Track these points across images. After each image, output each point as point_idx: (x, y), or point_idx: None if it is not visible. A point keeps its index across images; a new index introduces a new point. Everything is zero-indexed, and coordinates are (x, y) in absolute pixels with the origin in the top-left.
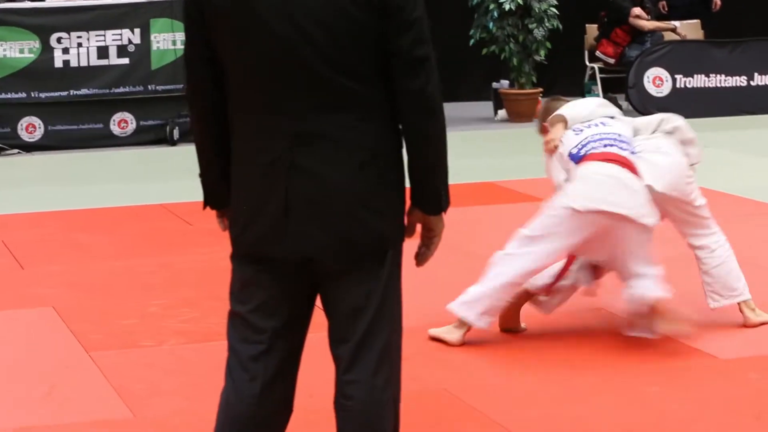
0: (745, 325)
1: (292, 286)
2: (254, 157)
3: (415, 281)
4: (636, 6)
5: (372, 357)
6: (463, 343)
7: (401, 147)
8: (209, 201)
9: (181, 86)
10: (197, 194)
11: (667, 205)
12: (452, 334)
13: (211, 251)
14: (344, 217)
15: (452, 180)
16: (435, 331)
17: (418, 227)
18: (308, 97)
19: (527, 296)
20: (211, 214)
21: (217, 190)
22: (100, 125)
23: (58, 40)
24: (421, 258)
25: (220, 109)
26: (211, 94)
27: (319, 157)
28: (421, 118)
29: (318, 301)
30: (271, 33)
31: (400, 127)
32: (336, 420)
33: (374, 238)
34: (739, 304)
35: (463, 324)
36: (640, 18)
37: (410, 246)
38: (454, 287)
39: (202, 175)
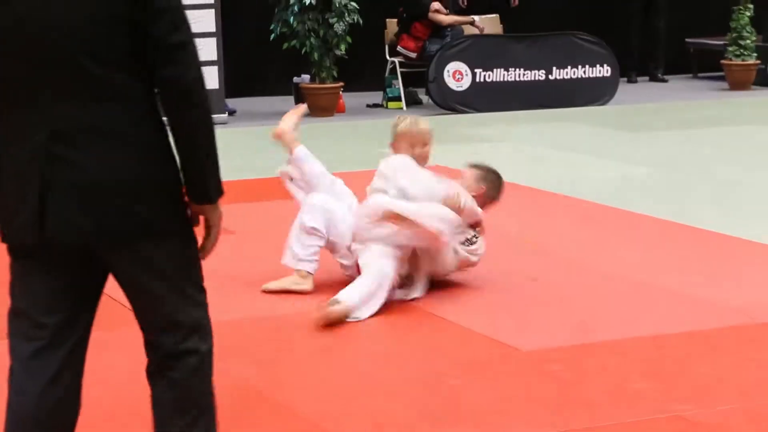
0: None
1: (68, 278)
2: (15, 152)
3: (218, 277)
4: (435, 0)
5: (184, 331)
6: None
7: (168, 136)
8: None
9: None
10: None
11: None
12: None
13: None
14: (105, 204)
15: (244, 175)
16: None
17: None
18: (69, 90)
19: None
20: None
21: None
22: None
23: None
24: (201, 250)
25: None
26: None
27: (80, 149)
28: (181, 107)
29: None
30: (27, 25)
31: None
32: (152, 392)
33: (139, 224)
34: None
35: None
36: (439, 12)
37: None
38: (255, 280)
39: None
